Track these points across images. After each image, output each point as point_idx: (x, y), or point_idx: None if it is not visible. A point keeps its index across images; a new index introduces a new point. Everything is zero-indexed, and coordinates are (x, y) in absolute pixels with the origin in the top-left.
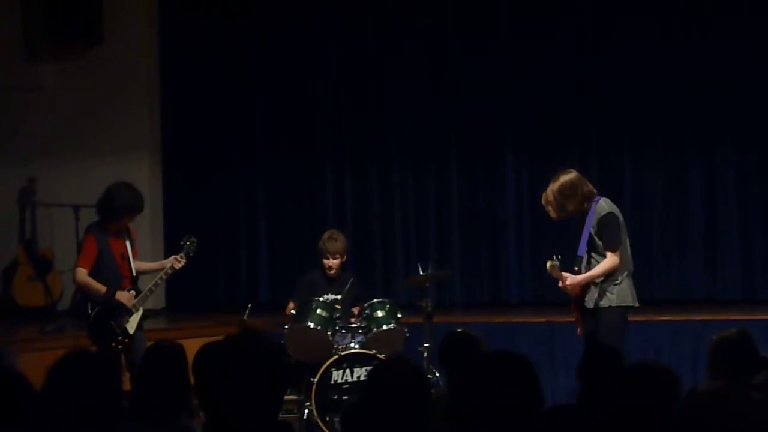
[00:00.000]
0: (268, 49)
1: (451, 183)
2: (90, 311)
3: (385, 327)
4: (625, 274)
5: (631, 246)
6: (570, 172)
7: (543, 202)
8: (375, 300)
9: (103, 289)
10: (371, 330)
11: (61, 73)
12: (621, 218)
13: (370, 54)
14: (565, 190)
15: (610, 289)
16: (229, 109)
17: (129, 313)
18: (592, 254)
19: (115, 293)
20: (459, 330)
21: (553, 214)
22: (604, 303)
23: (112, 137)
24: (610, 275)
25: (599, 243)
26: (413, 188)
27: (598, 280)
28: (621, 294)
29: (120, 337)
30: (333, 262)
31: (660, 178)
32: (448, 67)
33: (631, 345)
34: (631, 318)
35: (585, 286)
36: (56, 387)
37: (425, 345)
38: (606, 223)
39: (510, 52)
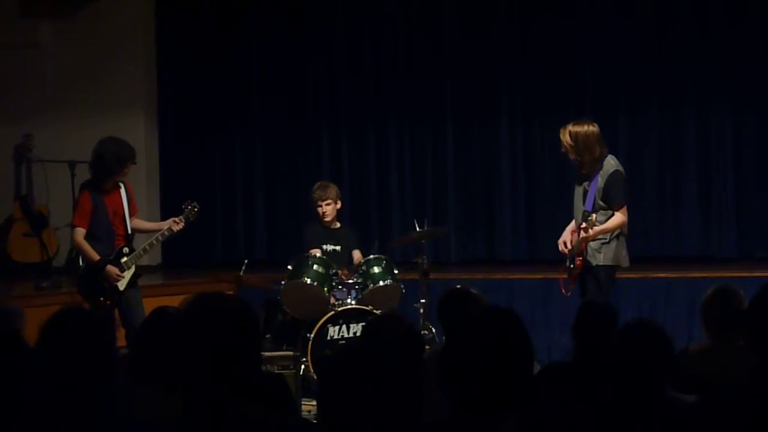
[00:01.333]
0: (267, 6)
1: (447, 140)
2: (81, 265)
3: (381, 283)
4: (617, 233)
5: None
6: (594, 124)
7: (561, 135)
8: (371, 256)
9: (96, 257)
10: (367, 286)
11: (57, 30)
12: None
13: (367, 11)
14: (588, 141)
15: (598, 248)
16: (225, 67)
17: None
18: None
19: (106, 264)
20: (458, 286)
21: (568, 149)
22: (594, 261)
23: (109, 94)
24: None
25: (601, 201)
26: (409, 145)
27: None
28: (610, 253)
29: (109, 293)
30: (327, 209)
31: (655, 136)
32: (444, 25)
33: (627, 302)
34: (626, 275)
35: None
36: (49, 344)
37: (421, 301)
38: (614, 180)
39: (507, 11)
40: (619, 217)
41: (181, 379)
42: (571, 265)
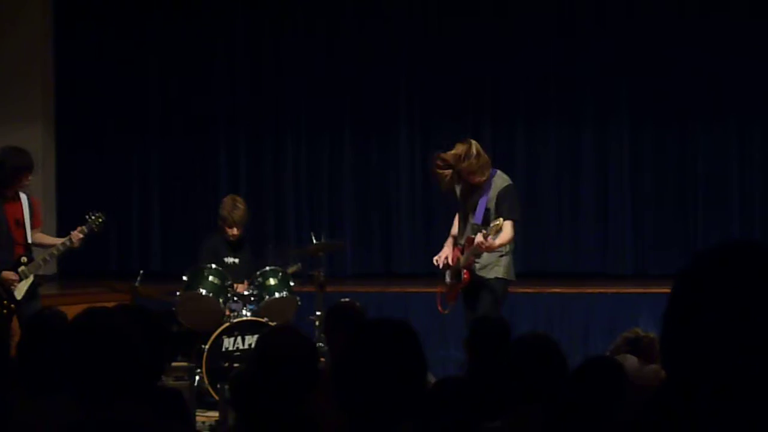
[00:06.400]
0: (163, 15)
1: (344, 152)
2: None
3: (277, 295)
4: (509, 248)
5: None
6: (469, 141)
7: (440, 168)
8: (267, 268)
9: None
10: (263, 298)
11: None
12: None
13: (266, 17)
14: (473, 160)
15: (496, 261)
16: (122, 77)
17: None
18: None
19: (1, 271)
20: (343, 300)
21: (445, 184)
22: (490, 274)
23: (5, 106)
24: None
25: (494, 216)
26: (306, 156)
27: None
28: (507, 267)
29: (5, 302)
30: (236, 231)
31: (553, 150)
32: (343, 31)
33: (523, 316)
34: (522, 290)
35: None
36: None
37: (317, 314)
38: (507, 194)
39: (405, 18)
40: (511, 230)
41: (70, 389)
42: (455, 280)
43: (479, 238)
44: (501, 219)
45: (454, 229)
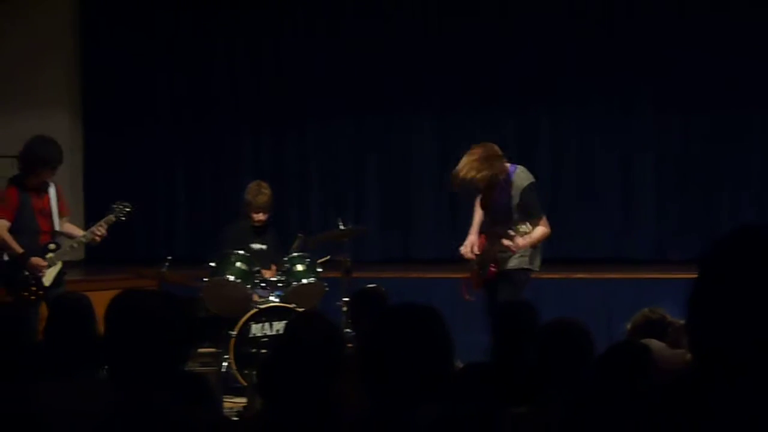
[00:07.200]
0: (188, 6)
1: (366, 139)
2: (3, 258)
3: (304, 281)
4: None
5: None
6: (483, 146)
7: (459, 178)
8: (295, 254)
9: (19, 250)
10: (290, 284)
11: None
12: None
13: (274, 11)
14: (491, 158)
15: (522, 251)
16: (148, 65)
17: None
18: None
19: (29, 257)
20: (368, 286)
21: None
22: (514, 264)
23: (33, 91)
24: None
25: (516, 213)
26: (329, 142)
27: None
28: (531, 257)
29: (33, 288)
30: (260, 217)
31: (575, 135)
32: (351, 15)
33: (548, 302)
34: (548, 275)
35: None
36: None
37: (344, 299)
38: (530, 192)
39: (423, 6)
40: (544, 228)
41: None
42: (481, 271)
43: (506, 242)
44: (528, 224)
45: (477, 216)
